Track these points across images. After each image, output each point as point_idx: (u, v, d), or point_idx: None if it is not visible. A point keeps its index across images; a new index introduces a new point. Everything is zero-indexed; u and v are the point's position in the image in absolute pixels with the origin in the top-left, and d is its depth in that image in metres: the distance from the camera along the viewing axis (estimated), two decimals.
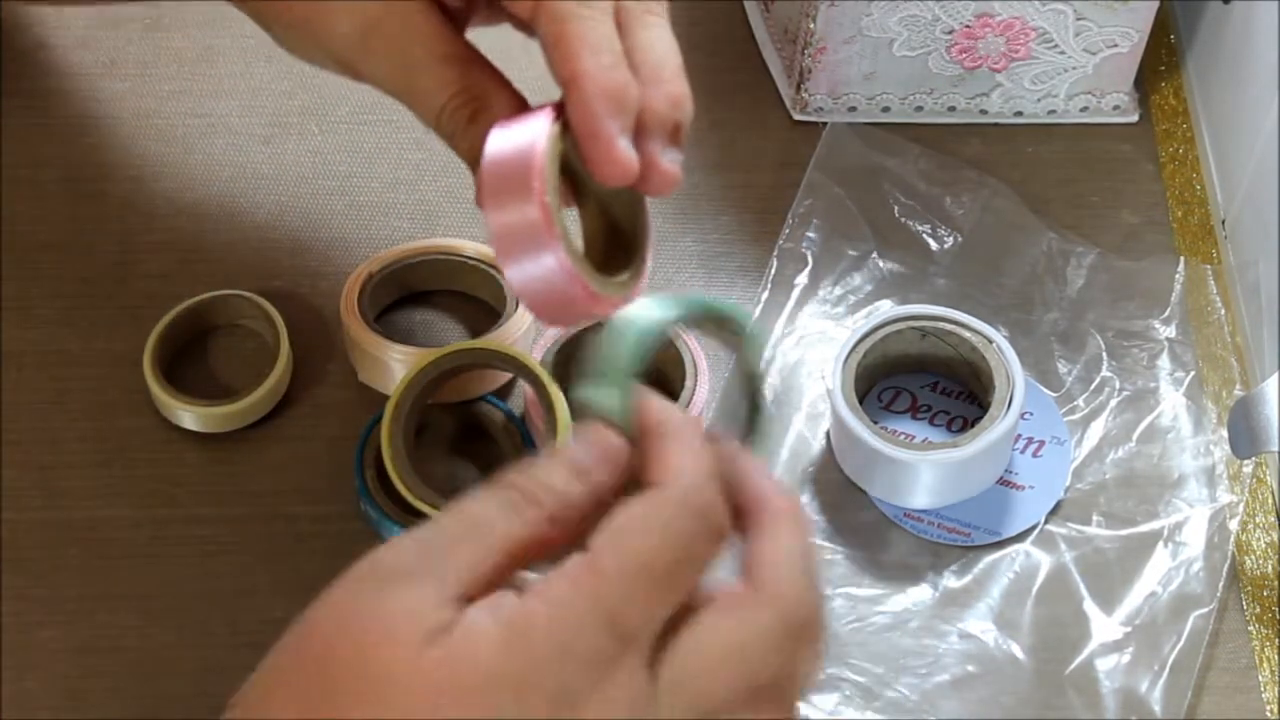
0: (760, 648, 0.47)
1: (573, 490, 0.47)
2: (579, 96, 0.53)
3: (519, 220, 0.52)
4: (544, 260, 0.52)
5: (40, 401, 0.71)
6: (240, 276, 0.74)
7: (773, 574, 0.47)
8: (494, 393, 0.71)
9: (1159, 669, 0.66)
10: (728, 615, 0.47)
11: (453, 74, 0.57)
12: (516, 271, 0.52)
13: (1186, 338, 0.74)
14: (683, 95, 0.56)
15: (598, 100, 0.53)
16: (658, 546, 0.46)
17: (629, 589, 0.45)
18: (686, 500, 0.47)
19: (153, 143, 0.79)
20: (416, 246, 0.73)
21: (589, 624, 0.45)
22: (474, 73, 0.58)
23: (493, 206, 0.52)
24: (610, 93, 0.53)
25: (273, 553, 0.68)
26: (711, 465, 0.48)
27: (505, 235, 0.52)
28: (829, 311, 0.75)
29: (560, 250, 0.52)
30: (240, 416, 0.70)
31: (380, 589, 0.45)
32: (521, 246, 0.52)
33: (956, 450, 0.67)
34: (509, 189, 0.52)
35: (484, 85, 0.57)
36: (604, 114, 0.53)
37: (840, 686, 0.66)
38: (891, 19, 0.77)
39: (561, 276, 0.52)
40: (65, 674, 0.65)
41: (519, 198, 0.52)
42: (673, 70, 0.56)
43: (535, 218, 0.51)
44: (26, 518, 0.68)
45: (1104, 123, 0.82)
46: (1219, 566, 0.68)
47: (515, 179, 0.52)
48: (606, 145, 0.53)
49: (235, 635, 0.66)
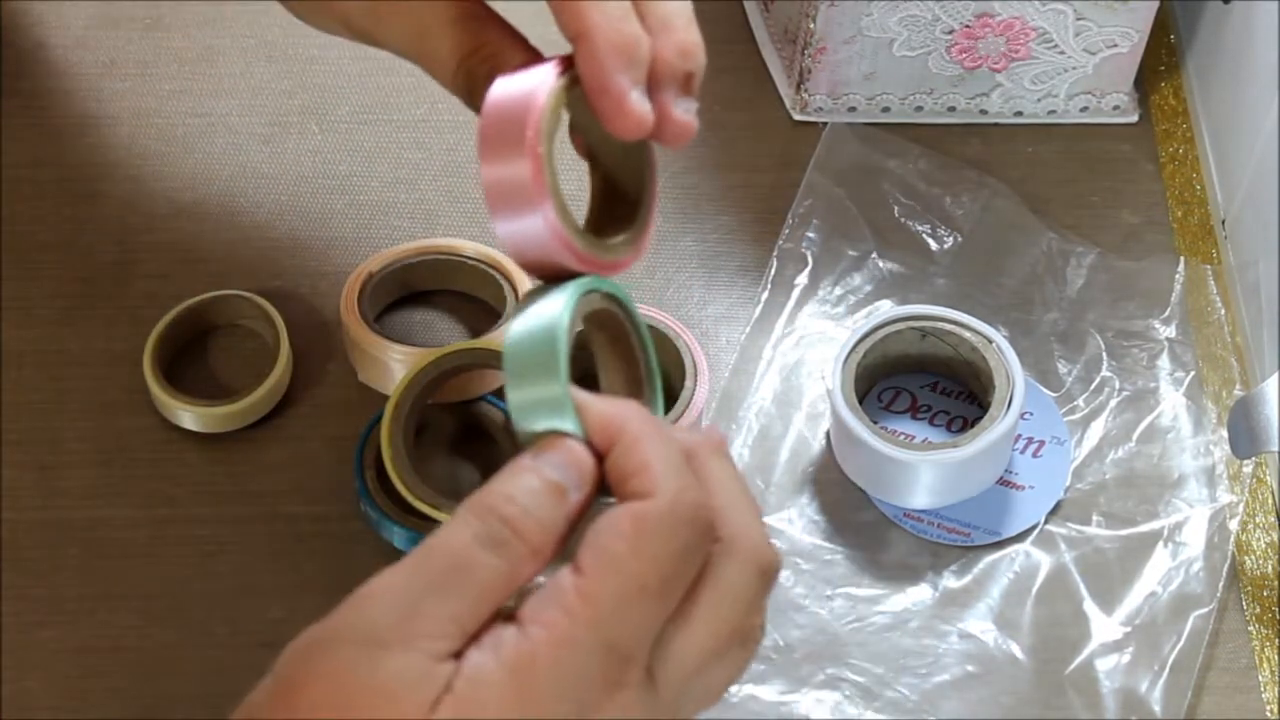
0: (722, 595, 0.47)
1: (555, 516, 0.47)
2: (589, 51, 0.52)
3: (510, 175, 0.51)
4: (532, 218, 0.51)
5: (40, 401, 0.71)
6: (240, 276, 0.74)
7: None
8: (494, 393, 0.71)
9: (1159, 669, 0.66)
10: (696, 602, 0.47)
11: (466, 34, 0.56)
12: (504, 225, 0.52)
13: (1186, 338, 0.74)
14: (694, 44, 0.55)
15: (608, 54, 0.52)
16: (651, 566, 0.45)
17: (626, 612, 0.45)
18: (675, 512, 0.46)
19: (153, 143, 0.79)
20: (416, 246, 0.73)
21: (590, 654, 0.45)
22: (488, 31, 0.57)
23: (486, 158, 0.51)
24: (620, 46, 0.52)
25: (273, 553, 0.68)
26: (682, 455, 0.47)
27: (495, 188, 0.51)
28: (829, 312, 0.75)
29: (549, 209, 0.51)
30: (240, 416, 0.70)
31: (371, 658, 0.44)
32: (510, 201, 0.51)
33: (956, 450, 0.67)
34: (502, 141, 0.51)
35: (498, 43, 0.56)
36: (615, 68, 0.52)
37: (840, 686, 0.66)
38: (891, 19, 0.77)
39: (549, 235, 0.51)
40: (65, 674, 0.65)
41: (511, 151, 0.51)
42: (684, 19, 0.55)
43: (525, 173, 0.51)
44: (26, 518, 0.68)
45: (1104, 123, 0.82)
46: (1219, 566, 0.68)
47: (510, 132, 0.51)
48: (618, 99, 0.52)
49: (235, 635, 0.66)
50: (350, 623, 0.45)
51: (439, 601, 0.45)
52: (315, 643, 0.45)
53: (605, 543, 0.46)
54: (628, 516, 0.46)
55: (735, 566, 0.48)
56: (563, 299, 0.50)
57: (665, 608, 0.46)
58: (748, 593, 0.48)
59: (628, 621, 0.45)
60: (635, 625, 0.45)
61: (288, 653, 0.46)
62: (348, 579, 0.67)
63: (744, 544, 0.48)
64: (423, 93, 0.80)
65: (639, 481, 0.47)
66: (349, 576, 0.67)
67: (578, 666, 0.44)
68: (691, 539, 0.46)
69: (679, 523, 0.46)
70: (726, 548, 0.48)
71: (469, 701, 0.44)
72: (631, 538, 0.45)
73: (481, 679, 0.44)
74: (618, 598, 0.45)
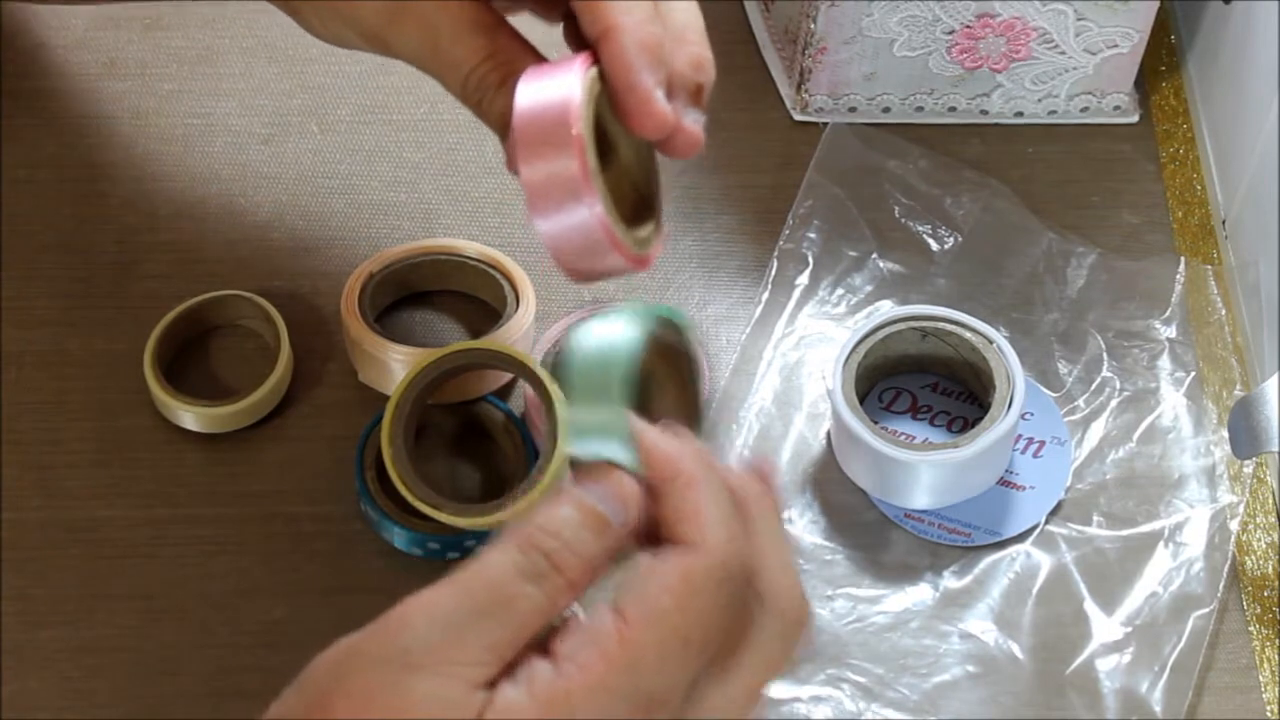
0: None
1: (595, 550, 0.46)
2: (616, 48, 0.53)
3: (556, 170, 0.51)
4: (579, 212, 0.51)
5: (40, 401, 0.71)
6: (240, 276, 0.74)
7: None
8: (494, 393, 0.71)
9: (1159, 669, 0.66)
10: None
11: (480, 41, 0.57)
12: (550, 223, 0.52)
13: (1187, 338, 0.74)
14: (707, 59, 0.55)
15: (635, 52, 0.53)
16: (696, 620, 0.45)
17: (665, 664, 0.45)
18: (724, 568, 0.46)
19: (153, 143, 0.79)
20: (416, 246, 0.73)
21: (624, 699, 0.44)
22: (501, 38, 0.57)
23: (527, 157, 0.51)
24: (647, 45, 0.53)
25: (273, 553, 0.68)
26: (732, 504, 0.47)
27: (540, 186, 0.51)
28: (829, 312, 0.75)
29: (596, 202, 0.51)
30: (240, 416, 0.70)
31: (405, 679, 0.44)
32: (557, 198, 0.51)
33: (957, 451, 0.67)
34: (544, 138, 0.51)
35: (512, 50, 0.57)
36: (642, 66, 0.53)
37: (840, 686, 0.66)
38: (892, 19, 0.77)
39: (598, 228, 0.52)
40: (65, 674, 0.65)
41: (555, 147, 0.51)
42: (697, 32, 0.56)
43: (573, 168, 0.51)
44: (26, 518, 0.68)
45: (1104, 123, 0.82)
46: (1219, 567, 0.68)
47: (551, 128, 0.51)
48: (645, 97, 0.53)
49: (235, 635, 0.66)
50: (386, 641, 0.45)
51: (478, 629, 0.45)
52: (349, 658, 0.45)
53: (653, 595, 0.45)
54: (677, 571, 0.46)
55: (773, 623, 0.48)
56: (634, 323, 0.49)
57: (704, 659, 0.46)
58: (782, 647, 0.48)
59: (666, 672, 0.45)
60: (673, 676, 0.45)
61: (318, 664, 0.46)
62: (348, 579, 0.68)
63: (782, 601, 0.48)
64: (423, 93, 0.80)
65: (688, 529, 0.47)
66: (349, 576, 0.68)
67: (610, 710, 0.44)
68: (735, 593, 0.46)
69: (725, 579, 0.46)
70: (765, 604, 0.48)
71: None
72: (679, 594, 0.45)
73: (512, 712, 0.44)
74: (659, 649, 0.45)
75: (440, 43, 0.57)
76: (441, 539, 0.66)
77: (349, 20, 0.59)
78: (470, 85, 0.57)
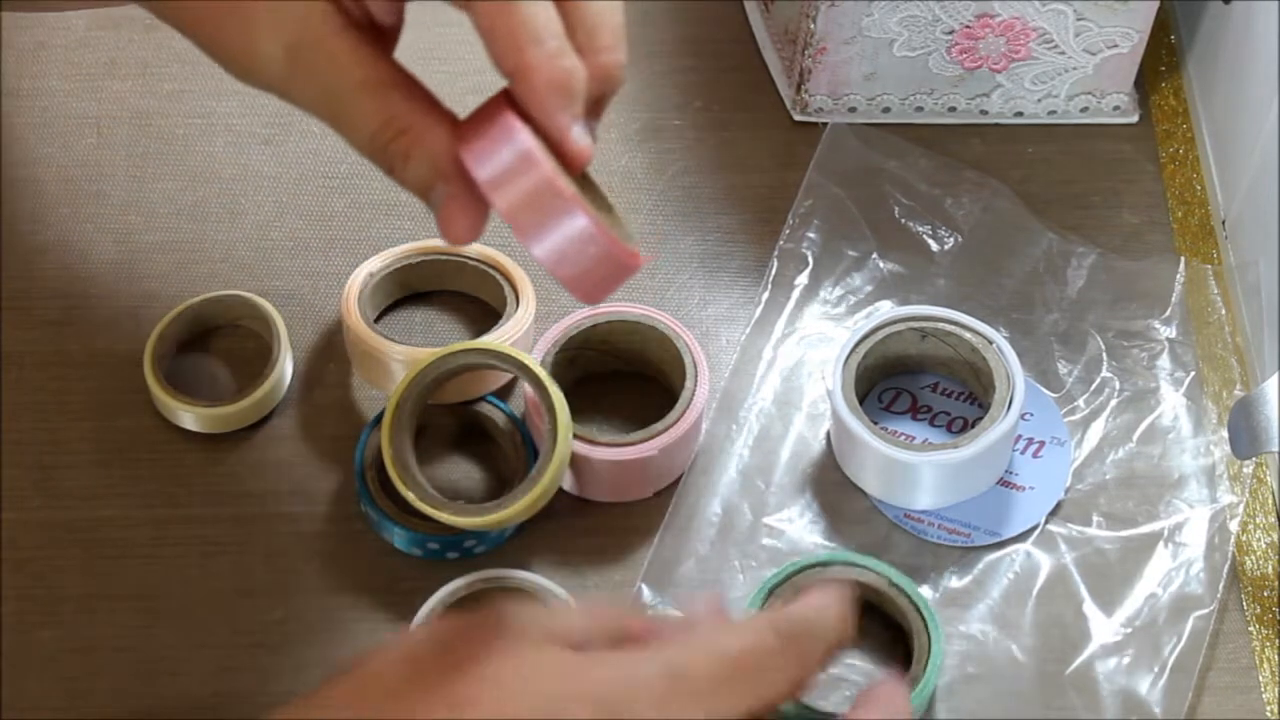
0: None
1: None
2: (528, 90, 0.52)
3: (535, 192, 0.51)
4: (574, 221, 0.52)
5: (40, 401, 0.71)
6: (240, 276, 0.74)
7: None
8: (494, 393, 0.71)
9: (1159, 670, 0.66)
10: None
11: (375, 104, 0.54)
12: (546, 246, 0.52)
13: (1187, 338, 0.74)
14: (615, 64, 0.54)
15: (547, 94, 0.52)
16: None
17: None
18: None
19: (153, 143, 0.79)
20: (416, 246, 0.73)
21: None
22: (398, 101, 0.55)
23: (496, 189, 0.52)
24: (559, 84, 0.52)
25: (273, 553, 0.68)
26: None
27: (522, 207, 0.52)
28: (829, 312, 0.75)
29: (585, 208, 0.52)
30: (240, 416, 0.70)
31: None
32: (544, 217, 0.52)
33: (956, 451, 0.67)
34: (514, 176, 0.52)
35: (411, 115, 0.54)
36: (555, 107, 0.52)
37: (841, 686, 0.66)
38: (892, 19, 0.77)
39: (596, 233, 0.52)
40: (65, 674, 0.65)
41: (526, 175, 0.51)
42: (610, 34, 0.54)
43: (548, 181, 0.51)
44: (26, 518, 0.68)
45: (1104, 123, 0.82)
46: (1219, 567, 0.68)
47: (517, 166, 0.52)
48: (561, 137, 0.53)
49: (235, 635, 0.66)
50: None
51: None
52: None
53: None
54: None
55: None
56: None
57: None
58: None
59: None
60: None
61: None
62: (348, 579, 0.68)
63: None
64: None
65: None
66: (349, 576, 0.68)
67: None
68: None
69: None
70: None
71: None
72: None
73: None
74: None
75: (337, 100, 0.55)
76: (441, 539, 0.67)
77: (251, 76, 0.57)
78: (376, 153, 0.55)
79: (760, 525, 0.69)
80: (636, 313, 0.70)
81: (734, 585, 0.67)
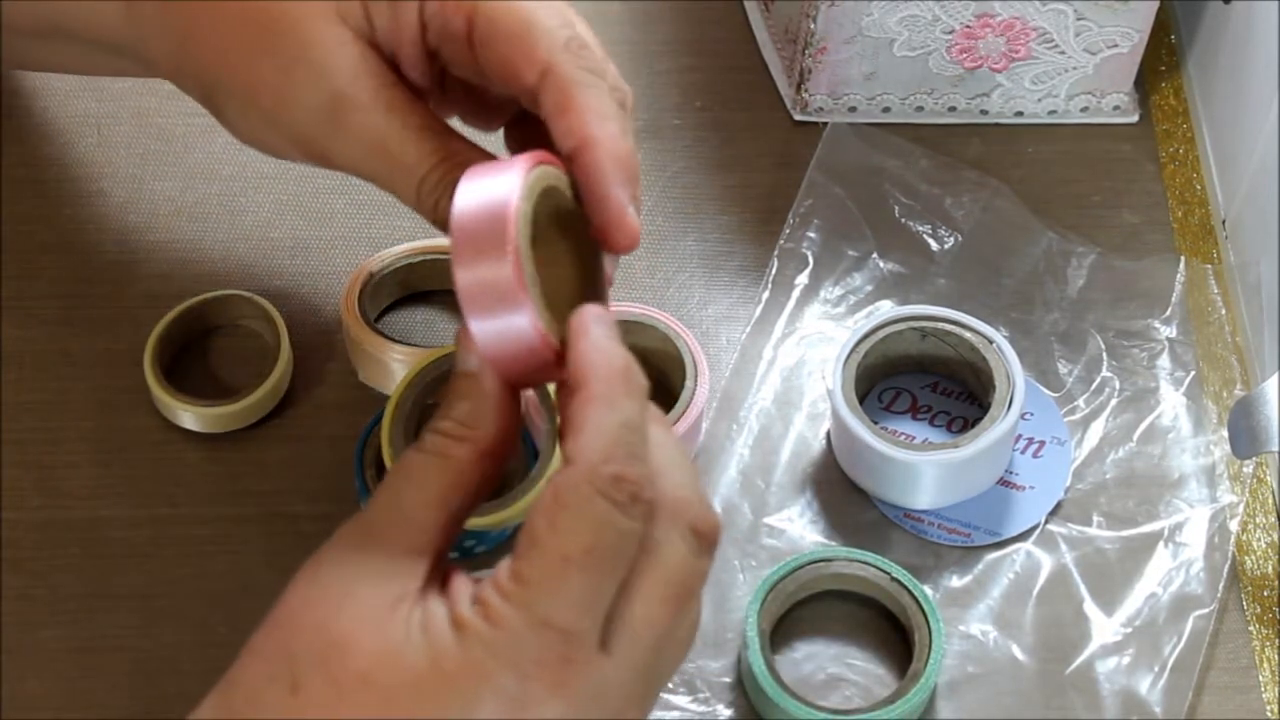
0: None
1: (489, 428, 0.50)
2: (592, 161, 0.53)
3: (490, 278, 0.50)
4: (515, 320, 0.50)
5: (40, 401, 0.71)
6: (240, 276, 0.74)
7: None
8: None
9: (1159, 669, 0.66)
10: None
11: (433, 144, 0.55)
12: (483, 328, 0.50)
13: (1187, 338, 0.74)
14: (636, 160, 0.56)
15: (611, 167, 0.53)
16: (570, 538, 0.46)
17: (554, 587, 0.46)
18: (591, 482, 0.46)
19: (153, 143, 0.79)
20: (416, 246, 0.73)
21: (525, 631, 0.46)
22: (453, 141, 0.56)
23: (462, 262, 0.50)
24: (622, 160, 0.53)
25: (273, 553, 0.68)
26: (630, 419, 0.48)
27: (474, 291, 0.50)
28: (829, 312, 0.75)
29: (532, 311, 0.50)
30: (240, 416, 0.70)
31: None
32: (491, 305, 0.50)
33: (957, 451, 0.67)
34: (480, 245, 0.50)
35: (465, 153, 0.56)
36: (617, 181, 0.53)
37: (841, 686, 0.66)
38: (892, 19, 0.77)
39: (533, 338, 0.50)
40: (65, 674, 0.65)
41: (491, 255, 0.50)
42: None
43: (508, 276, 0.49)
44: (26, 518, 0.68)
45: (1104, 123, 0.82)
46: (1219, 567, 0.68)
47: (487, 235, 0.50)
48: (619, 212, 0.53)
49: (235, 635, 0.66)
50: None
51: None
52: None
53: (531, 520, 0.47)
54: (549, 491, 0.47)
55: (674, 535, 0.48)
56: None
57: (600, 578, 0.47)
58: (692, 560, 0.49)
59: (560, 598, 0.46)
60: (568, 600, 0.46)
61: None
62: None
63: (685, 514, 0.49)
64: None
65: (571, 443, 0.48)
66: None
67: (512, 644, 0.46)
68: (610, 508, 0.46)
69: (594, 493, 0.46)
70: (662, 517, 0.48)
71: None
72: (549, 512, 0.46)
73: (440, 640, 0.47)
74: (543, 574, 0.46)
75: (389, 148, 0.56)
76: None
77: (280, 126, 0.57)
78: (425, 190, 0.56)
79: (760, 525, 0.69)
80: (636, 312, 0.70)
81: (734, 585, 0.68)
